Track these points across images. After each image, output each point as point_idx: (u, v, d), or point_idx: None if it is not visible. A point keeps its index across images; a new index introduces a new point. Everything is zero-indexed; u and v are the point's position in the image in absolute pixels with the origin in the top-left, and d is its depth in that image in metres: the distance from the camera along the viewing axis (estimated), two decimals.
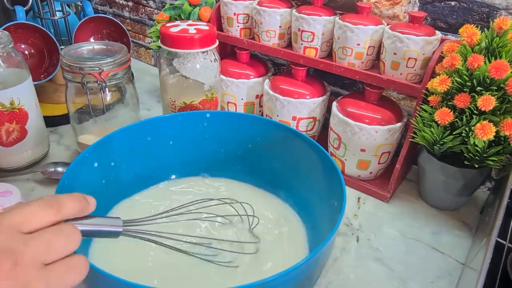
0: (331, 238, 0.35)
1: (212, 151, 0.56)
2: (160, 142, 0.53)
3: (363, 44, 0.57)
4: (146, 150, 0.52)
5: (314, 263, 0.35)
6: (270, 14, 0.65)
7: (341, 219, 0.37)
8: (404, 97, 0.67)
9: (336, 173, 0.43)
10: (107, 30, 0.82)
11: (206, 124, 0.54)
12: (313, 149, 0.48)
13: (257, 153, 0.55)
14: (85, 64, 0.55)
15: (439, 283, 0.46)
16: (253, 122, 0.53)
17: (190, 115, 0.54)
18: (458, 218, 0.57)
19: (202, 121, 0.54)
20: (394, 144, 0.59)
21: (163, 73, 0.61)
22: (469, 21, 0.57)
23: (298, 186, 0.52)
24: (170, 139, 0.54)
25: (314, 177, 0.49)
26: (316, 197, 0.48)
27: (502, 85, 0.45)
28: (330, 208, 0.43)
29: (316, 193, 0.48)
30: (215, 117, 0.54)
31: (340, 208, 0.39)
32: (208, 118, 0.54)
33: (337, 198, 0.41)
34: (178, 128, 0.54)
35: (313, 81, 0.66)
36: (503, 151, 0.48)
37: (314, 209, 0.49)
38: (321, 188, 0.47)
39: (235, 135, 0.54)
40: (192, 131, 0.54)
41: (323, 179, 0.47)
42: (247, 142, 0.54)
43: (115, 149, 0.48)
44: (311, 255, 0.32)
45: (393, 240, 0.53)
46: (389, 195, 0.59)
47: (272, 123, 0.53)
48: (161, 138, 0.53)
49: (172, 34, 0.56)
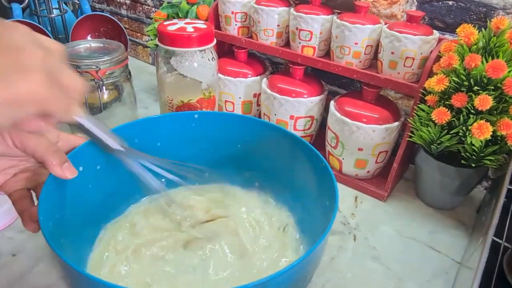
0: (324, 239, 0.34)
1: (202, 151, 0.54)
2: (148, 143, 0.50)
3: (361, 43, 0.57)
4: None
5: (308, 263, 0.35)
6: (268, 13, 0.65)
7: (334, 219, 0.36)
8: (401, 96, 0.67)
9: (328, 172, 0.42)
10: (104, 28, 0.82)
11: (194, 125, 0.52)
12: (302, 148, 0.47)
13: (247, 153, 0.53)
14: (82, 62, 0.55)
15: (435, 282, 0.47)
16: (243, 122, 0.52)
17: (178, 116, 0.53)
18: (455, 217, 0.57)
19: (191, 122, 0.52)
20: (391, 143, 0.59)
21: (161, 72, 0.61)
22: (467, 21, 0.57)
23: (290, 185, 0.51)
24: (158, 140, 0.52)
25: (305, 176, 0.48)
26: (308, 197, 0.47)
27: (499, 84, 0.45)
28: (323, 208, 0.42)
29: (308, 193, 0.47)
30: (203, 118, 0.52)
31: (332, 208, 0.38)
32: (197, 119, 0.52)
33: (329, 197, 0.40)
34: (166, 129, 0.52)
35: (311, 80, 0.66)
36: (499, 150, 0.48)
37: (306, 209, 0.48)
38: (312, 187, 0.46)
39: (224, 135, 0.53)
40: (181, 132, 0.52)
41: (314, 178, 0.46)
42: (237, 142, 0.53)
43: (100, 153, 0.44)
44: (305, 256, 0.32)
45: (390, 239, 0.53)
46: (386, 194, 0.59)
47: (260, 123, 0.52)
48: (149, 140, 0.51)
49: (170, 33, 0.56)
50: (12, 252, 0.47)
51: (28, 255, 0.47)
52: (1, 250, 0.47)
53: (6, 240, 0.49)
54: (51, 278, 0.44)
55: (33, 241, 0.48)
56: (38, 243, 0.48)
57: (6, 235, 0.49)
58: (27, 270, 0.45)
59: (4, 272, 0.45)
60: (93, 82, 0.56)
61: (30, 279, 0.44)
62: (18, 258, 0.46)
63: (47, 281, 0.44)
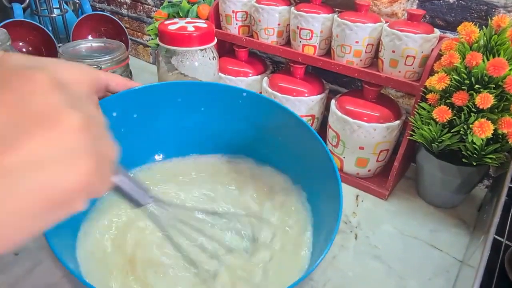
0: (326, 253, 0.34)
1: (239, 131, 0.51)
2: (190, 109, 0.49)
3: (361, 42, 0.57)
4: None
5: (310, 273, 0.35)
6: (268, 12, 0.65)
7: (337, 227, 0.35)
8: (402, 95, 0.67)
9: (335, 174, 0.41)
10: (105, 28, 0.82)
11: (241, 101, 0.48)
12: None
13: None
14: (83, 61, 0.55)
15: (437, 280, 0.47)
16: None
17: (226, 88, 0.49)
18: (456, 215, 0.57)
19: (238, 98, 0.48)
20: (392, 142, 0.59)
21: (162, 71, 0.61)
22: (468, 19, 0.57)
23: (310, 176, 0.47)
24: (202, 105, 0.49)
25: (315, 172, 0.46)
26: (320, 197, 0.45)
27: (500, 83, 0.45)
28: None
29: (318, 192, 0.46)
30: (249, 98, 0.48)
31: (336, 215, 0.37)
32: (244, 97, 0.48)
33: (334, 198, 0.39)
34: (210, 98, 0.49)
35: (311, 79, 0.66)
36: (501, 148, 0.48)
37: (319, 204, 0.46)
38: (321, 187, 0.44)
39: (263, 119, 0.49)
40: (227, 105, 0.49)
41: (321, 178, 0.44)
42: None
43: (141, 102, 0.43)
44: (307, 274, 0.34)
45: (391, 238, 0.53)
46: (388, 192, 0.59)
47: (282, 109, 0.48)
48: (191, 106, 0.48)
49: (171, 32, 0.56)
50: (15, 251, 0.47)
51: (31, 254, 0.47)
52: None
53: None
54: (54, 278, 0.44)
55: (35, 241, 0.49)
56: (40, 242, 0.48)
57: None
58: (30, 270, 0.45)
59: (6, 271, 0.45)
60: None
61: (33, 279, 0.44)
62: (21, 257, 0.47)
63: (49, 280, 0.44)
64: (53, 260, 0.46)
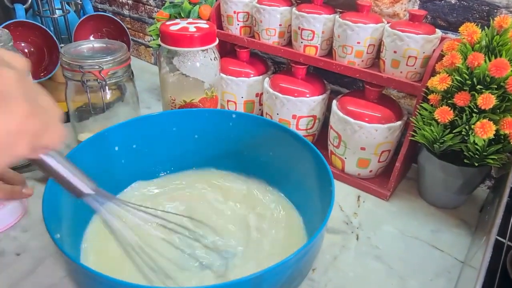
0: (319, 235, 0.37)
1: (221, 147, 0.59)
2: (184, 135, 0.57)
3: (363, 43, 0.57)
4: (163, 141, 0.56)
5: (304, 256, 0.38)
6: (270, 12, 0.65)
7: (330, 212, 0.39)
8: (404, 96, 0.67)
9: (325, 167, 0.45)
10: (107, 28, 0.82)
11: (231, 124, 0.57)
12: (302, 144, 0.51)
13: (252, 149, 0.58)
14: (85, 62, 0.55)
15: (438, 281, 0.46)
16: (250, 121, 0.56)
17: (216, 112, 0.58)
18: (458, 216, 0.57)
19: (228, 120, 0.56)
20: (394, 143, 0.59)
21: (163, 71, 0.61)
22: (469, 20, 0.57)
23: (293, 179, 0.54)
24: (196, 133, 0.57)
25: (305, 173, 0.51)
26: (309, 190, 0.50)
27: (502, 83, 0.45)
28: (322, 203, 0.45)
29: (308, 186, 0.50)
30: (240, 118, 0.56)
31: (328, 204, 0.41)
32: (234, 119, 0.56)
33: (326, 194, 0.43)
34: (203, 123, 0.57)
35: (313, 79, 0.66)
36: (503, 149, 0.48)
37: (308, 202, 0.51)
38: (312, 183, 0.49)
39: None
40: (219, 127, 0.57)
41: (314, 177, 0.49)
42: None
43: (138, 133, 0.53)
44: (300, 249, 0.35)
45: (393, 238, 0.53)
46: (389, 193, 0.59)
47: (263, 121, 0.56)
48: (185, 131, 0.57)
49: (172, 32, 0.56)
50: (16, 251, 0.47)
51: (32, 255, 0.47)
52: (5, 249, 0.48)
53: (10, 240, 0.49)
54: (55, 277, 0.44)
55: (37, 241, 0.49)
56: (42, 243, 0.48)
57: (11, 234, 0.50)
58: (31, 269, 0.45)
59: (8, 271, 0.45)
60: (96, 82, 0.57)
61: (34, 278, 0.44)
62: (22, 258, 0.47)
63: (51, 280, 0.44)
64: (54, 260, 0.46)
